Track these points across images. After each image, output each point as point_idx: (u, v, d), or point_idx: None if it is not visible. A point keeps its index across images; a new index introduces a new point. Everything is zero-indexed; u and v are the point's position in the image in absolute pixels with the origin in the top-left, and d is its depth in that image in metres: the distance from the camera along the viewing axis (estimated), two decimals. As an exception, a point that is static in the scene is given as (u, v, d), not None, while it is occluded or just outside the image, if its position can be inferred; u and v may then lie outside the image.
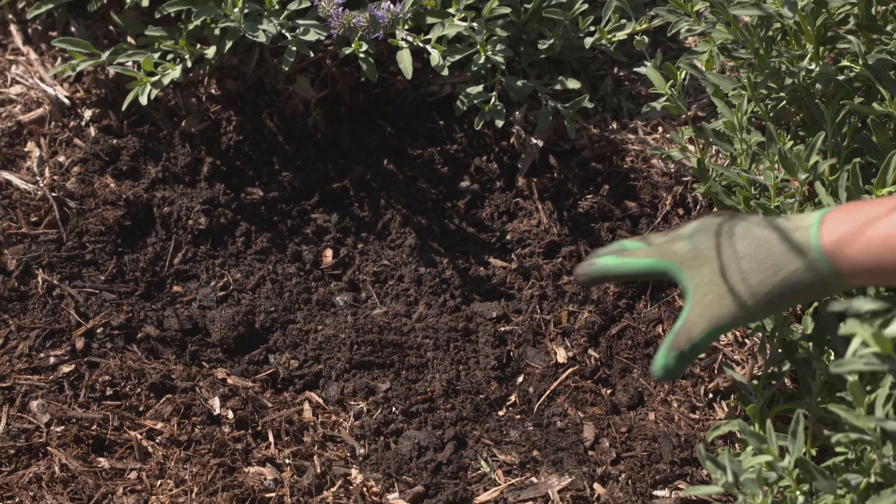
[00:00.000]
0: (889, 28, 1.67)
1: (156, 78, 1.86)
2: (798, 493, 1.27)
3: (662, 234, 1.46)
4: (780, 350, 1.53)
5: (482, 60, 1.92)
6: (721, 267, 1.37)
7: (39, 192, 1.88)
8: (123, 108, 1.90)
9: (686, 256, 1.40)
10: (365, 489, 1.61)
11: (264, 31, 1.82)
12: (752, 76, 1.66)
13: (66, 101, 2.01)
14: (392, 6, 1.78)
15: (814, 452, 1.52)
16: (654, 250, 1.43)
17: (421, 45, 1.88)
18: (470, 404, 1.74)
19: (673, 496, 1.62)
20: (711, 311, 1.37)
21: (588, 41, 1.94)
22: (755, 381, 1.58)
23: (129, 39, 2.03)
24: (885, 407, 1.20)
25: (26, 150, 1.97)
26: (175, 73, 1.85)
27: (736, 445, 1.66)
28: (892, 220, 1.25)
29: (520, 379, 1.77)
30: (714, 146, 1.91)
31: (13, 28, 2.11)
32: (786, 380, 1.68)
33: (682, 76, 1.78)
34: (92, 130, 1.99)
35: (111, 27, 2.07)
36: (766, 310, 1.35)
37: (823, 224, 1.30)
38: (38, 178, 1.91)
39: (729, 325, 1.37)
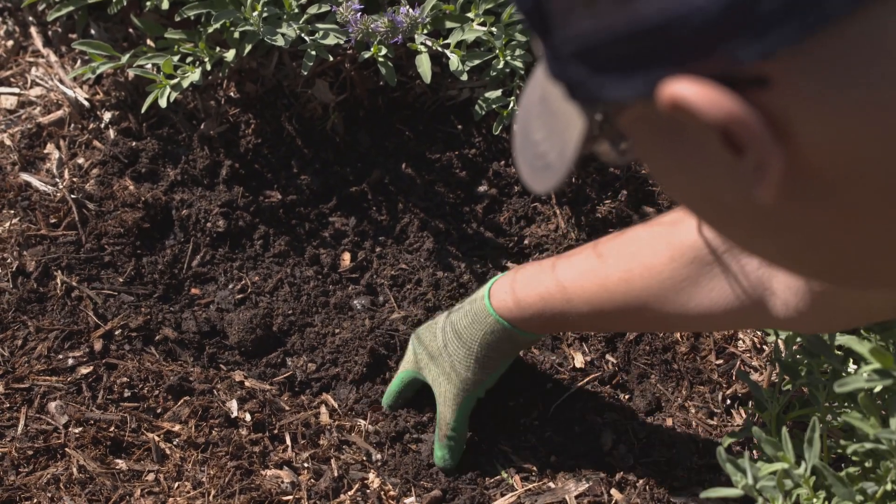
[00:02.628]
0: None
1: (175, 81, 1.87)
2: (815, 499, 1.27)
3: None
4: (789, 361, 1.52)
5: (501, 65, 1.91)
6: (435, 359, 1.64)
7: (59, 194, 1.89)
8: (143, 110, 1.90)
9: (418, 362, 1.68)
10: (382, 493, 1.61)
11: (283, 34, 1.82)
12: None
13: (86, 104, 2.02)
14: (411, 11, 1.78)
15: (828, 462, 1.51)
16: (407, 362, 1.71)
17: (440, 49, 1.88)
18: (488, 409, 1.74)
19: (691, 503, 1.61)
20: (448, 394, 1.64)
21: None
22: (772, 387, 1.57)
23: (149, 42, 2.03)
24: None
25: (46, 151, 1.98)
26: (194, 75, 1.86)
27: (754, 452, 1.65)
28: (539, 278, 1.50)
29: (538, 385, 1.77)
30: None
31: (33, 30, 2.12)
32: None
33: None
34: (111, 133, 2.00)
35: (131, 30, 2.07)
36: (484, 372, 1.62)
37: (492, 290, 1.57)
38: (57, 179, 1.92)
39: (466, 398, 1.64)
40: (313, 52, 1.85)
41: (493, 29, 1.88)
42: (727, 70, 0.56)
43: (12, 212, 1.87)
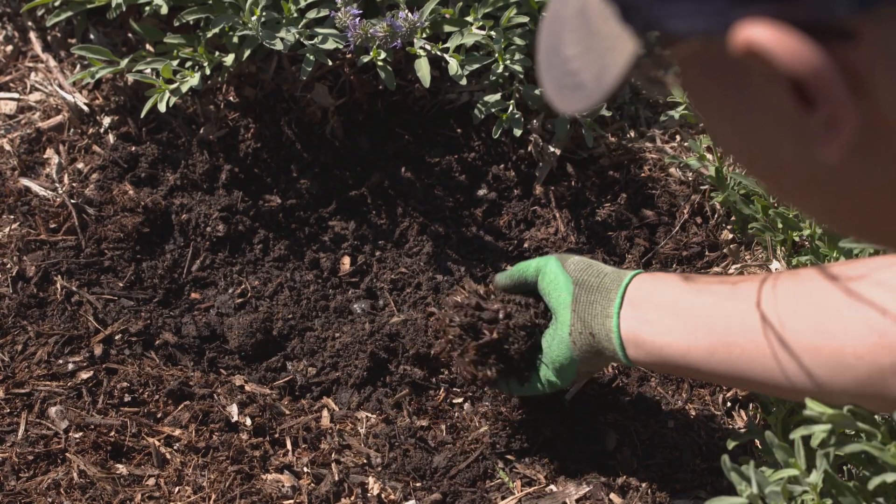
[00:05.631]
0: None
1: (174, 85, 1.87)
2: (822, 506, 1.26)
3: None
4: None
5: (500, 69, 1.92)
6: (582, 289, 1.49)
7: (58, 199, 1.89)
8: (142, 115, 1.90)
9: (573, 273, 1.51)
10: (382, 496, 1.61)
11: (282, 39, 1.82)
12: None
13: (85, 108, 2.02)
14: (410, 15, 1.78)
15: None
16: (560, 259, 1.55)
17: (439, 53, 1.89)
18: (489, 414, 1.74)
19: (692, 506, 1.61)
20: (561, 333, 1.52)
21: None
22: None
23: (148, 47, 2.03)
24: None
25: (45, 156, 1.98)
26: (194, 80, 1.86)
27: (756, 454, 1.65)
28: (679, 323, 1.36)
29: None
30: (732, 155, 1.91)
31: (33, 35, 2.12)
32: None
33: (701, 85, 1.77)
34: (111, 137, 2.00)
35: (130, 35, 2.07)
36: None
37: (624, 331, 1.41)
38: (57, 184, 1.92)
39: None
40: (312, 57, 1.86)
41: (493, 33, 1.88)
42: (812, 18, 0.52)
43: (12, 217, 1.87)
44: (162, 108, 1.86)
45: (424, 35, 1.88)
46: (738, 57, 0.54)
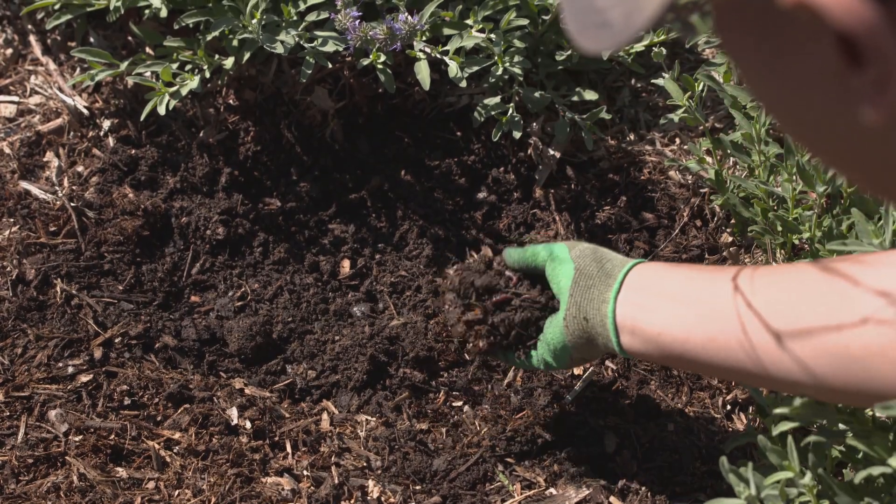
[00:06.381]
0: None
1: (174, 88, 1.87)
2: (818, 507, 1.27)
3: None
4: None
5: (500, 72, 1.92)
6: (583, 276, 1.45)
7: (58, 202, 1.89)
8: (142, 118, 1.90)
9: (577, 260, 1.48)
10: (383, 499, 1.61)
11: (282, 42, 1.83)
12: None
13: (85, 112, 2.02)
14: (409, 18, 1.78)
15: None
16: (569, 245, 1.52)
17: (439, 56, 1.89)
18: (489, 417, 1.74)
19: (692, 509, 1.61)
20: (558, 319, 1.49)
21: (606, 52, 1.94)
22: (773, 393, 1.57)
23: (148, 50, 2.04)
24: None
25: (45, 160, 1.98)
26: (193, 83, 1.86)
27: (755, 457, 1.65)
28: (676, 313, 1.32)
29: (538, 391, 1.77)
30: (732, 158, 1.91)
31: (32, 38, 2.12)
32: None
33: (700, 88, 1.78)
34: (110, 140, 2.00)
35: (130, 38, 2.08)
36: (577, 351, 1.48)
37: (619, 318, 1.38)
38: (56, 187, 1.92)
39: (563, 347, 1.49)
40: (312, 60, 1.86)
41: (492, 35, 1.88)
42: None
43: (12, 220, 1.87)
44: (161, 111, 1.86)
45: (424, 38, 1.88)
46: (785, 8, 0.52)
